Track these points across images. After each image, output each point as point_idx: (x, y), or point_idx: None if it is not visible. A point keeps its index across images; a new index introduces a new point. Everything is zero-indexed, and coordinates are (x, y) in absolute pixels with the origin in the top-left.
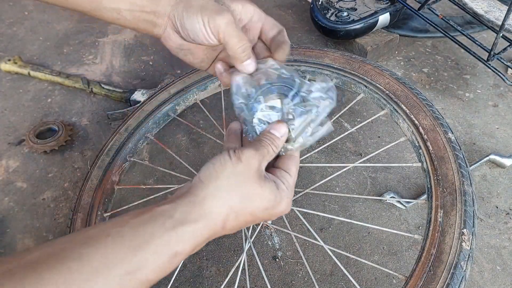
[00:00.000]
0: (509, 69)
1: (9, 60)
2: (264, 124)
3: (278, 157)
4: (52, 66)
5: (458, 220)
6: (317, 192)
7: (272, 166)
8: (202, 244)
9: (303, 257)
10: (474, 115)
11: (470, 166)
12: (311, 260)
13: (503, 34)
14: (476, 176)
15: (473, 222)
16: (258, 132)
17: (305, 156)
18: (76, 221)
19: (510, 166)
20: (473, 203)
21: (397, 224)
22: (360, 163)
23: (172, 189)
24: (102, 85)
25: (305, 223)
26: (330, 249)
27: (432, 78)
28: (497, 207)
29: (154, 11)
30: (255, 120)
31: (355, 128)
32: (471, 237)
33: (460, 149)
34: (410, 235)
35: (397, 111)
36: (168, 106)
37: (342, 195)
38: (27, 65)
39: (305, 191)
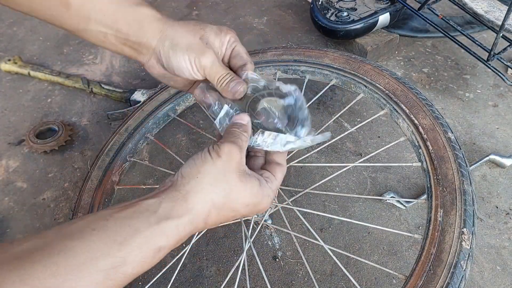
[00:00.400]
0: (509, 69)
1: (9, 60)
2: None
3: (266, 162)
4: (52, 66)
5: (458, 219)
6: (317, 192)
7: (260, 168)
8: (185, 238)
9: (303, 257)
10: (474, 115)
11: (470, 166)
12: (311, 260)
13: (503, 34)
14: (476, 176)
15: (473, 221)
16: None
17: (305, 156)
18: None
19: (510, 166)
20: (473, 203)
21: (397, 224)
22: (360, 163)
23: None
24: (102, 85)
25: (305, 223)
26: (330, 249)
27: (432, 78)
28: (497, 207)
29: (139, 42)
30: (221, 113)
31: (354, 128)
32: (471, 236)
33: (460, 148)
34: (410, 234)
35: (396, 111)
36: (168, 106)
37: (342, 194)
38: (27, 65)
39: (305, 191)
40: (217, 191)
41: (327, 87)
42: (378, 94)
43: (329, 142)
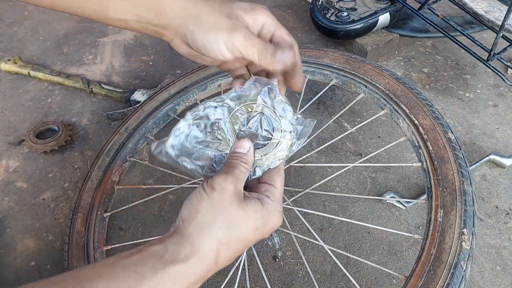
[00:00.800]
0: (509, 69)
1: (9, 60)
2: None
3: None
4: (52, 66)
5: (458, 219)
6: (317, 192)
7: (258, 183)
8: (197, 283)
9: (303, 257)
10: (474, 115)
11: (470, 166)
12: (311, 260)
13: (503, 34)
14: (476, 176)
15: (473, 222)
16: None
17: (305, 156)
18: (76, 221)
19: (510, 166)
20: (473, 203)
21: (397, 224)
22: (360, 163)
23: (172, 189)
24: (102, 85)
25: (305, 223)
26: (330, 249)
27: (432, 78)
28: (497, 207)
29: (161, 25)
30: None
31: (354, 128)
32: (471, 237)
33: (460, 149)
34: (410, 235)
35: (397, 111)
36: (168, 106)
37: (342, 195)
38: (27, 65)
39: (305, 191)
40: (220, 227)
41: (327, 87)
42: (378, 94)
43: (329, 142)
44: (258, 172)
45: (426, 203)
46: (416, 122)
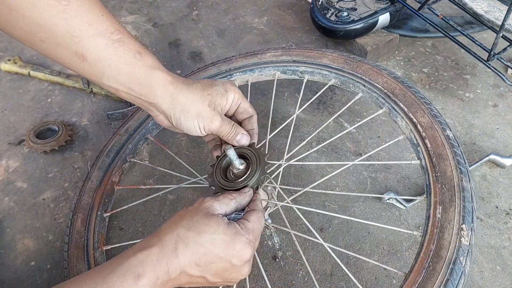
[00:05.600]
0: (509, 69)
1: (9, 60)
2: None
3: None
4: (52, 66)
5: (457, 216)
6: (317, 191)
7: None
8: (161, 269)
9: (303, 257)
10: (474, 115)
11: (470, 166)
12: (311, 260)
13: (503, 34)
14: (476, 176)
15: (472, 218)
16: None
17: (304, 155)
18: (76, 221)
19: (510, 166)
20: (471, 199)
21: (397, 224)
22: (359, 161)
23: (171, 188)
24: None
25: (305, 222)
26: (329, 247)
27: (432, 78)
28: (497, 207)
29: (150, 102)
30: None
31: (353, 127)
32: (470, 233)
33: (459, 146)
34: (409, 231)
35: (395, 109)
36: None
37: (342, 193)
38: (27, 65)
39: (305, 190)
40: (182, 225)
41: (325, 87)
42: (376, 93)
43: (329, 140)
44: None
45: (425, 200)
46: (414, 120)
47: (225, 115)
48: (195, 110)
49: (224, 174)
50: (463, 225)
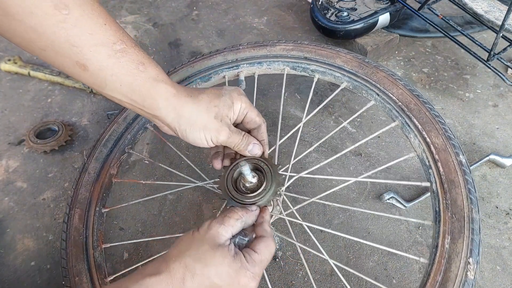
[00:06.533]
0: (509, 69)
1: (9, 60)
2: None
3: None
4: (52, 66)
5: (465, 248)
6: (322, 201)
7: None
8: None
9: (302, 259)
10: (474, 115)
11: (470, 166)
12: (311, 261)
13: (503, 34)
14: (476, 176)
15: (478, 251)
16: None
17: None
18: (73, 217)
19: (510, 166)
20: (479, 231)
21: (397, 224)
22: (363, 178)
23: (170, 183)
24: None
25: (315, 240)
26: (335, 264)
27: (432, 78)
28: (497, 207)
29: (153, 114)
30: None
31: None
32: (475, 266)
33: (470, 173)
34: (416, 258)
35: (408, 125)
36: None
37: (353, 208)
38: (27, 65)
39: (311, 200)
40: (189, 254)
41: (337, 90)
42: (390, 105)
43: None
44: (250, 237)
45: (432, 226)
46: (428, 140)
47: (233, 123)
48: (201, 122)
49: (234, 184)
50: (470, 259)
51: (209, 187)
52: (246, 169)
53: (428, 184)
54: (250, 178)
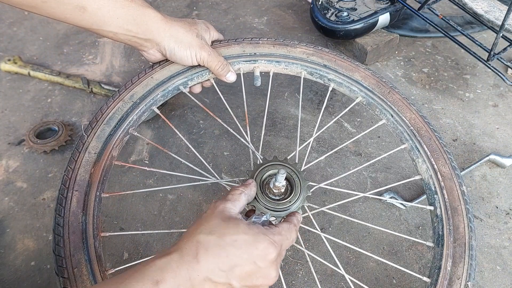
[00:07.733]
0: (509, 69)
1: (9, 60)
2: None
3: None
4: (52, 66)
5: (465, 273)
6: (333, 213)
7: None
8: (182, 276)
9: (311, 267)
10: (474, 115)
11: (470, 166)
12: (311, 260)
13: (503, 34)
14: (476, 176)
15: (474, 275)
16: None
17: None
18: (71, 200)
19: (510, 166)
20: (475, 257)
21: (397, 224)
22: (371, 194)
23: (179, 174)
24: (102, 85)
25: (334, 257)
26: (350, 279)
27: (432, 78)
28: (497, 207)
29: (146, 39)
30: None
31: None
32: None
33: (470, 202)
34: (420, 276)
35: (418, 150)
36: (181, 80)
37: (361, 222)
38: (27, 65)
39: (321, 209)
40: (200, 231)
41: (353, 103)
42: (402, 127)
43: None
44: (267, 216)
45: (434, 247)
46: (435, 167)
47: None
48: (187, 41)
49: (262, 189)
50: (469, 283)
51: (225, 184)
52: (281, 176)
53: (432, 208)
54: (282, 183)
